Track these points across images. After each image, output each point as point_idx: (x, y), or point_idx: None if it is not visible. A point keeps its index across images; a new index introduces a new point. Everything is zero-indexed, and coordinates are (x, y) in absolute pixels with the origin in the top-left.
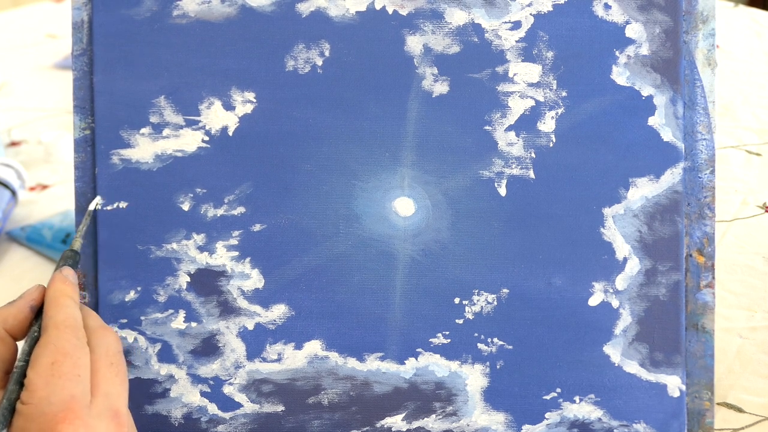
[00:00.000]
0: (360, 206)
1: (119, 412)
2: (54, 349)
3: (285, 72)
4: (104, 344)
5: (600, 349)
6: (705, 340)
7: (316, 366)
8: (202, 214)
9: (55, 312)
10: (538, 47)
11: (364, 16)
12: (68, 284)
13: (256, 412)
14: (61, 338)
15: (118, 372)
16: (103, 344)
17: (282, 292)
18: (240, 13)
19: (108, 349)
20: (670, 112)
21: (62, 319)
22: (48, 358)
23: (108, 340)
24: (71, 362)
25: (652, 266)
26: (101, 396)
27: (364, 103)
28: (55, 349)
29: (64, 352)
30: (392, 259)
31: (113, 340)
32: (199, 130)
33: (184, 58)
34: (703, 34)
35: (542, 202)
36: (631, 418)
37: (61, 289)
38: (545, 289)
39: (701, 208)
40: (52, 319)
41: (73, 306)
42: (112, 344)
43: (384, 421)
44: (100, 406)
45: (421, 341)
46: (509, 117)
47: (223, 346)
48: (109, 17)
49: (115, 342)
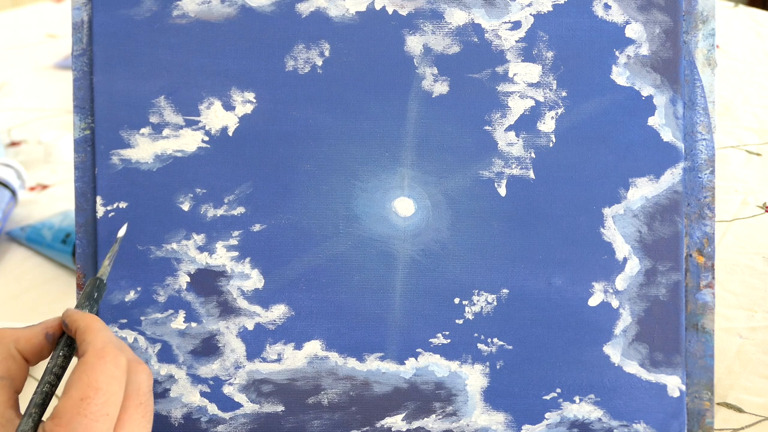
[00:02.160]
0: (360, 206)
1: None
2: (87, 382)
3: (285, 72)
4: (136, 381)
5: (600, 349)
6: (705, 340)
7: (316, 366)
8: (202, 214)
9: (94, 336)
10: (538, 47)
11: (364, 16)
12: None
13: (256, 412)
14: (98, 369)
15: (146, 413)
16: (135, 381)
17: (282, 292)
18: (240, 13)
19: (140, 388)
20: (670, 112)
21: (101, 345)
22: (79, 391)
23: (141, 378)
24: (102, 400)
25: (652, 266)
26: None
27: (364, 103)
28: (88, 381)
29: (97, 387)
30: (392, 259)
31: (146, 378)
32: (199, 130)
33: (184, 58)
34: (703, 34)
35: (542, 202)
36: (631, 418)
37: (96, 319)
38: (545, 289)
39: (701, 208)
40: (91, 344)
41: (109, 332)
42: (144, 382)
43: (384, 421)
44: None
45: (421, 341)
46: (509, 117)
47: (223, 347)
48: (109, 17)
49: (147, 379)
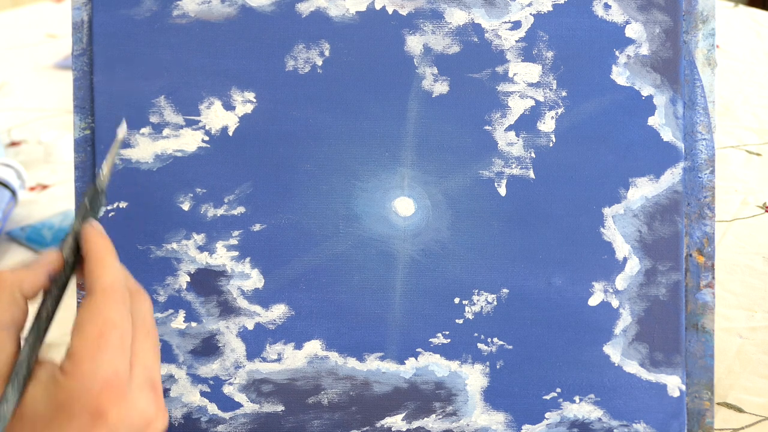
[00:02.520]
0: (360, 206)
1: (156, 384)
2: (103, 319)
3: (285, 72)
4: (141, 311)
5: (600, 349)
6: (705, 340)
7: (316, 366)
8: (202, 214)
9: (101, 273)
10: (538, 47)
11: (364, 16)
12: (106, 239)
13: (256, 412)
14: (110, 306)
15: (154, 342)
16: (140, 311)
17: (282, 292)
18: (240, 13)
19: (145, 317)
20: (670, 112)
21: (110, 283)
22: (95, 327)
23: (145, 307)
24: (118, 334)
25: (652, 266)
26: (140, 367)
27: (364, 103)
28: (104, 319)
29: (113, 323)
30: (392, 259)
31: (148, 306)
32: (199, 130)
33: (184, 58)
34: (703, 34)
35: (542, 202)
36: (631, 418)
37: (104, 245)
38: (545, 289)
39: (701, 208)
40: (99, 281)
41: (118, 266)
42: (148, 312)
43: (384, 420)
44: (139, 378)
45: (421, 341)
46: (509, 117)
47: (222, 346)
48: (109, 17)
49: (150, 308)
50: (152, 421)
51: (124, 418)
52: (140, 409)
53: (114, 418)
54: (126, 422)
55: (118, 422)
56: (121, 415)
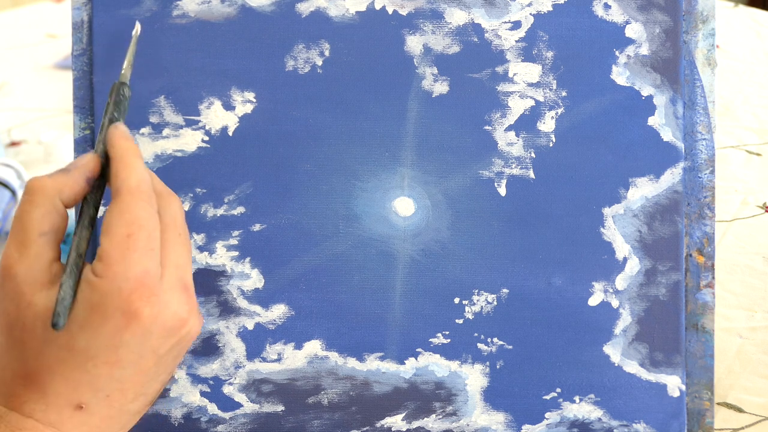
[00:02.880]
0: (360, 206)
1: (188, 284)
2: (129, 220)
3: (285, 72)
4: (171, 212)
5: (600, 349)
6: (705, 340)
7: (316, 366)
8: (201, 214)
9: (128, 174)
10: (538, 47)
11: (363, 16)
12: (132, 141)
13: (256, 412)
14: (137, 207)
15: (185, 242)
16: (170, 212)
17: (282, 292)
18: (240, 13)
19: (175, 218)
20: (670, 112)
21: (136, 184)
22: (123, 228)
23: (174, 208)
24: (146, 235)
25: (652, 266)
26: (172, 268)
27: (364, 103)
28: (130, 219)
29: (140, 224)
30: (392, 259)
31: (179, 208)
32: (199, 130)
33: (184, 58)
34: (703, 34)
35: (542, 202)
36: (631, 418)
37: (129, 147)
38: (545, 289)
39: (701, 208)
40: (125, 182)
41: (143, 167)
42: (179, 212)
43: (384, 420)
44: (171, 279)
45: (421, 341)
46: (509, 117)
47: (222, 346)
48: (109, 17)
49: (179, 209)
50: (186, 321)
51: (156, 317)
52: (173, 309)
53: (147, 317)
54: (159, 321)
55: (151, 321)
56: (154, 314)
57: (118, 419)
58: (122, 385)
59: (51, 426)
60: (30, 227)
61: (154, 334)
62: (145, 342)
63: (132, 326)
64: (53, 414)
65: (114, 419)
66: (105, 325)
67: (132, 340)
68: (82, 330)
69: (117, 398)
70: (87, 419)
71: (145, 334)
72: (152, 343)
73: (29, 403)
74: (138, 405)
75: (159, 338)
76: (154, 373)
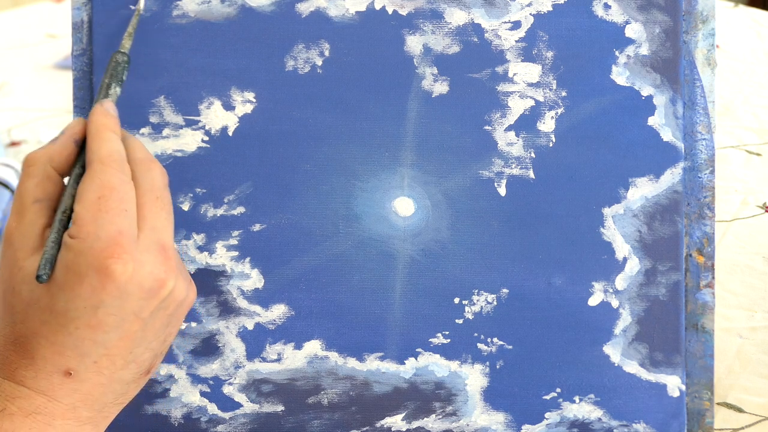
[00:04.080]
0: (360, 206)
1: (166, 246)
2: (100, 184)
3: (285, 72)
4: (149, 177)
5: (600, 349)
6: (705, 340)
7: (316, 366)
8: (201, 214)
9: (98, 146)
10: (537, 47)
11: (363, 16)
12: (109, 117)
13: (256, 412)
14: (107, 173)
15: (164, 206)
16: (148, 177)
17: (282, 292)
18: (240, 13)
19: (153, 183)
20: (670, 112)
21: (106, 154)
22: (94, 192)
23: (153, 174)
24: (117, 197)
25: (651, 266)
26: (148, 230)
27: (364, 103)
28: (101, 183)
29: (111, 187)
30: (392, 259)
31: (159, 174)
32: (199, 130)
33: (184, 58)
34: (703, 34)
35: (542, 202)
36: (631, 418)
37: (103, 122)
38: (545, 289)
39: (701, 208)
40: (96, 153)
41: (116, 140)
42: (158, 178)
43: (384, 421)
44: (147, 240)
45: (421, 341)
46: (509, 117)
47: (222, 346)
48: (109, 17)
49: (160, 175)
50: (163, 282)
51: (132, 276)
52: (148, 269)
53: (120, 275)
54: (135, 281)
55: (126, 280)
56: (128, 274)
57: (110, 387)
58: (108, 351)
59: (43, 394)
60: (25, 196)
61: (131, 294)
62: (123, 303)
63: (107, 286)
64: (43, 380)
65: (106, 387)
66: (81, 284)
67: (110, 301)
68: (61, 290)
69: (105, 365)
70: (78, 386)
71: (121, 294)
72: (132, 305)
73: (20, 369)
74: (129, 373)
75: (138, 299)
76: (141, 339)
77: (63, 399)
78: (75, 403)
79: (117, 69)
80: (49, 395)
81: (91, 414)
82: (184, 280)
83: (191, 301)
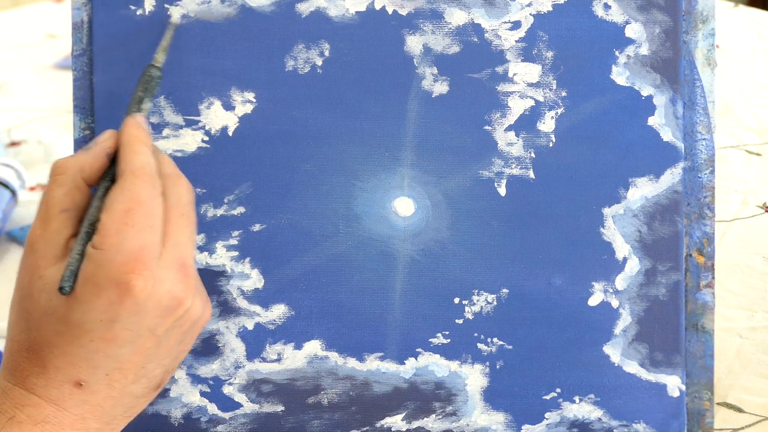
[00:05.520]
0: (360, 206)
1: (186, 264)
2: (130, 196)
3: (285, 72)
4: (176, 193)
5: (600, 349)
6: (705, 340)
7: (316, 366)
8: (201, 214)
9: (131, 158)
10: (537, 47)
11: (363, 16)
12: (142, 130)
13: (256, 412)
14: (137, 185)
15: (188, 223)
16: (175, 193)
17: (282, 292)
18: (240, 13)
19: (180, 199)
20: (670, 112)
21: (139, 166)
22: (123, 204)
23: (181, 190)
24: (145, 211)
25: (651, 266)
26: (170, 246)
27: (364, 103)
28: (130, 196)
29: (139, 201)
30: (392, 259)
31: (186, 190)
32: (199, 130)
33: (184, 58)
34: (703, 34)
35: (542, 202)
36: (631, 418)
37: (136, 135)
38: (545, 289)
39: (701, 208)
40: (129, 164)
41: (147, 153)
42: (185, 194)
43: (384, 421)
44: (168, 257)
45: (421, 341)
46: (509, 117)
47: (222, 346)
48: (109, 17)
49: (187, 191)
50: (181, 300)
51: (151, 293)
52: (167, 286)
53: (140, 292)
54: (153, 298)
55: (144, 297)
56: (147, 290)
57: (120, 400)
58: (121, 365)
59: (53, 403)
60: (52, 204)
61: (149, 311)
62: (140, 320)
63: (125, 301)
64: (54, 389)
65: (116, 400)
66: (99, 297)
67: (126, 316)
68: (78, 302)
69: (117, 378)
70: (88, 398)
71: (139, 311)
72: (148, 322)
73: (32, 377)
74: (140, 388)
75: (154, 317)
76: (155, 355)
77: (72, 409)
78: (84, 414)
79: (150, 83)
80: (59, 405)
81: (99, 426)
82: (201, 299)
83: (206, 320)
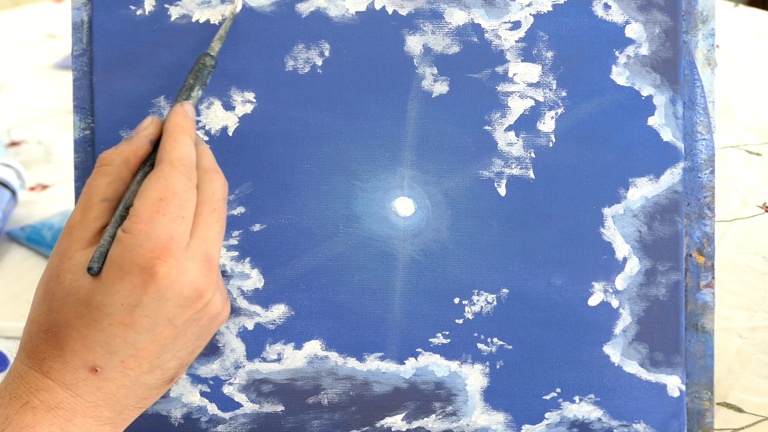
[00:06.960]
0: (360, 206)
1: (212, 258)
2: (165, 186)
3: (285, 72)
4: (211, 188)
5: (600, 349)
6: (705, 340)
7: (316, 366)
8: None
9: (172, 147)
10: (537, 47)
11: (363, 16)
12: (188, 119)
13: (256, 412)
14: (173, 176)
15: (219, 218)
16: (210, 188)
17: (282, 292)
18: (240, 13)
19: (214, 194)
20: (670, 112)
21: (178, 157)
22: (157, 193)
23: (216, 185)
24: (178, 202)
25: (651, 266)
26: (198, 239)
27: (364, 103)
28: (165, 185)
29: (174, 191)
30: (392, 259)
31: (220, 185)
32: (199, 130)
33: (184, 58)
34: (703, 34)
35: (542, 202)
36: (631, 418)
37: (181, 123)
38: (545, 289)
39: (701, 208)
40: (168, 154)
41: (189, 143)
42: (219, 189)
43: (384, 421)
44: (195, 249)
45: (421, 341)
46: (509, 117)
47: (222, 346)
48: (109, 17)
49: (222, 187)
50: (202, 293)
51: (173, 281)
52: (190, 277)
53: (163, 278)
54: (175, 287)
55: (167, 285)
56: (171, 278)
57: (133, 390)
58: (137, 352)
59: (67, 388)
60: (95, 193)
61: (169, 299)
62: (160, 307)
63: (148, 286)
64: (69, 374)
65: (129, 389)
66: (123, 280)
67: (147, 302)
68: (101, 284)
69: (132, 366)
70: (102, 385)
71: (160, 297)
72: (167, 311)
73: (48, 360)
74: (154, 379)
75: (175, 306)
76: (170, 346)
77: (86, 396)
78: (97, 401)
79: (203, 72)
80: (73, 390)
81: (112, 415)
82: (221, 296)
83: (224, 318)
